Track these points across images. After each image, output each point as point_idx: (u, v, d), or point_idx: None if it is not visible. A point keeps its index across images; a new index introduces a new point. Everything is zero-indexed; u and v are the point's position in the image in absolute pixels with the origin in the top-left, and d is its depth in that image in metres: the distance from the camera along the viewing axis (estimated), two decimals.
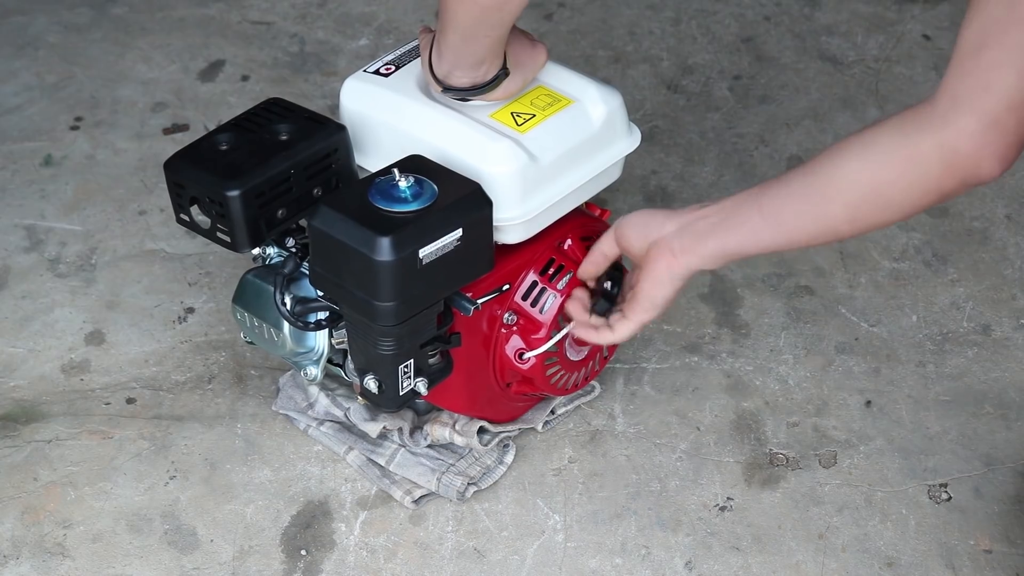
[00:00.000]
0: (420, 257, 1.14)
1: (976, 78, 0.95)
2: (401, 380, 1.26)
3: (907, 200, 1.03)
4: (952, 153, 0.98)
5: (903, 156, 1.01)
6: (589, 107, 1.31)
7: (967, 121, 0.96)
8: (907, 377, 1.58)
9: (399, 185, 1.16)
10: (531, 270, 1.34)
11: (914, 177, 1.01)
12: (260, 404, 1.54)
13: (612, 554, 1.39)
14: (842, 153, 1.05)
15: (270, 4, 2.20)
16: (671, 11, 2.19)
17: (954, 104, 0.97)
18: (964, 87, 0.96)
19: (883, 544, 1.40)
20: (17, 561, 1.37)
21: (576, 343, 1.39)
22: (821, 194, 1.07)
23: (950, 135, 0.97)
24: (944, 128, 0.97)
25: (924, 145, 0.99)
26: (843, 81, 2.04)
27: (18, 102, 1.99)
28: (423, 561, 1.38)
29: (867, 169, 1.03)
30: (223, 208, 1.20)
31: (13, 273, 1.71)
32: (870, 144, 1.03)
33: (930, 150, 0.99)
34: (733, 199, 1.14)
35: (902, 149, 1.01)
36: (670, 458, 1.48)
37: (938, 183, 1.00)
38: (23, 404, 1.54)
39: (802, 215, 1.09)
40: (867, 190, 1.04)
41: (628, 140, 1.35)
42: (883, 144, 1.02)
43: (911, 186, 1.02)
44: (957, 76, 0.97)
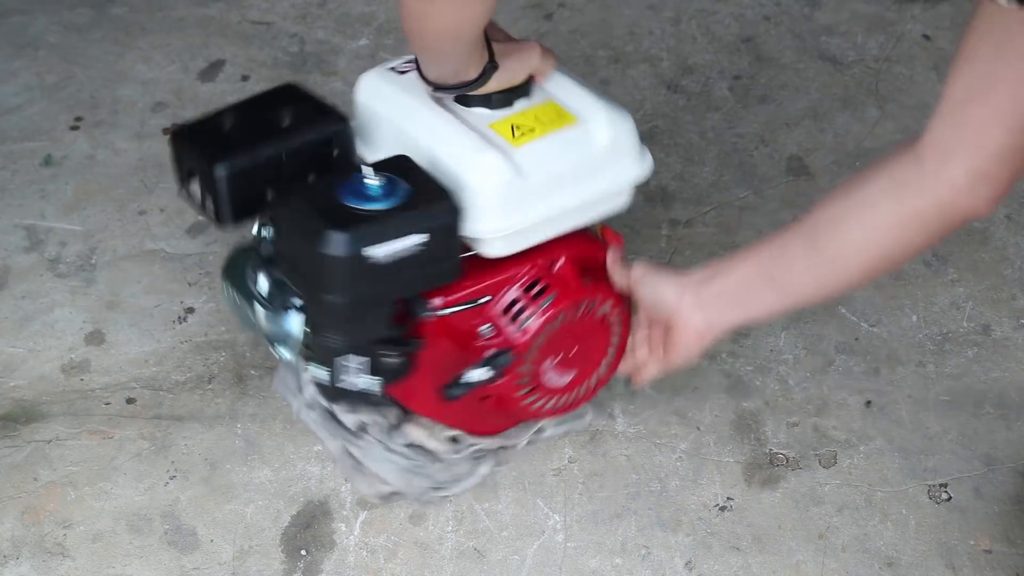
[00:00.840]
0: (369, 256, 1.13)
1: (964, 134, 0.97)
2: (343, 373, 1.25)
3: (915, 250, 1.07)
4: (950, 207, 1.00)
5: (903, 220, 1.04)
6: (594, 128, 1.28)
7: (958, 177, 0.98)
8: (907, 377, 1.58)
9: (367, 183, 1.16)
10: (514, 286, 1.31)
11: (917, 234, 1.04)
12: (260, 404, 1.54)
13: (612, 554, 1.39)
14: (842, 222, 1.08)
15: (270, 4, 2.20)
16: (671, 11, 2.19)
17: (943, 160, 0.99)
18: (952, 142, 0.98)
19: (883, 544, 1.40)
20: (17, 561, 1.37)
21: (559, 368, 1.36)
22: (834, 267, 1.10)
23: (944, 192, 1.00)
24: (937, 186, 1.00)
25: (921, 205, 1.02)
26: (843, 81, 2.04)
27: (18, 102, 1.99)
28: (423, 561, 1.38)
29: (871, 237, 1.06)
30: (211, 183, 1.22)
31: (13, 273, 1.71)
32: (867, 211, 1.05)
33: (928, 209, 1.02)
34: (741, 270, 1.17)
35: (900, 213, 1.03)
36: (670, 458, 1.48)
37: (939, 232, 1.04)
38: (23, 404, 1.54)
39: (820, 287, 1.14)
40: (877, 255, 1.07)
41: (637, 167, 1.30)
42: (881, 210, 1.04)
43: (916, 241, 1.05)
44: (944, 129, 0.99)
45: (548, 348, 1.31)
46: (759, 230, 1.77)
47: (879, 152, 1.90)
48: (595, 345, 1.35)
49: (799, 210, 1.79)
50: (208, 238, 1.75)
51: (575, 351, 1.34)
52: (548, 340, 1.31)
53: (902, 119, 1.96)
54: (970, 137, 0.97)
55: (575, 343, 1.34)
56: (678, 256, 1.73)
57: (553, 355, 1.33)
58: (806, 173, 1.87)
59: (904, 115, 1.97)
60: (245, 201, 1.23)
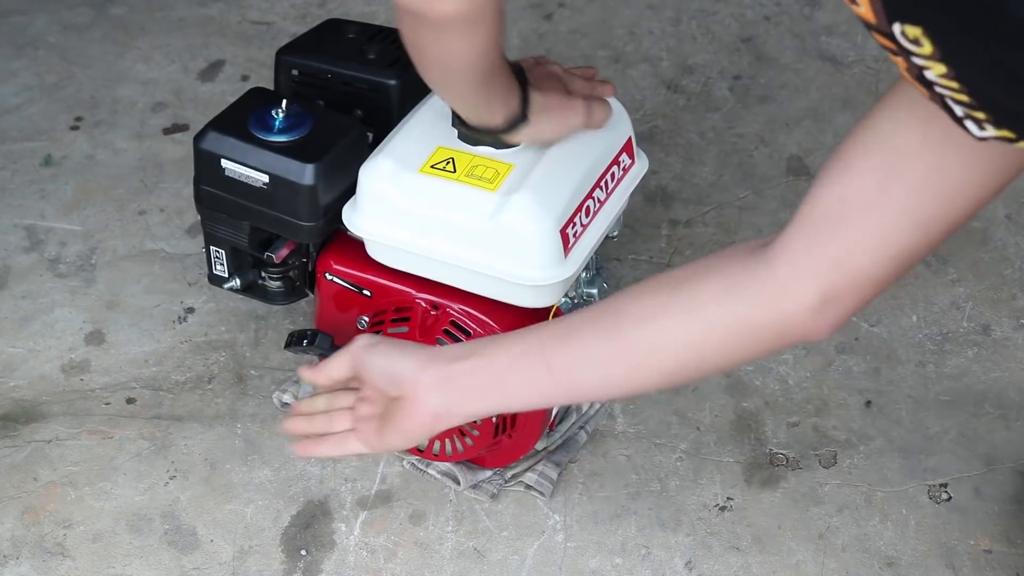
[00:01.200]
0: (224, 166, 1.30)
1: (827, 253, 0.87)
2: (211, 260, 1.42)
3: (734, 362, 0.97)
4: (788, 326, 0.90)
5: (733, 325, 0.92)
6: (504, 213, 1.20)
7: (808, 296, 0.88)
8: (907, 377, 1.58)
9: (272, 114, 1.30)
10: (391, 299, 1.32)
11: (743, 345, 0.93)
12: (260, 404, 1.54)
13: (612, 554, 1.39)
14: (658, 319, 0.94)
15: (270, 4, 2.20)
16: (671, 11, 2.19)
17: (795, 274, 0.89)
18: (811, 258, 0.88)
19: (883, 544, 1.40)
20: (17, 561, 1.37)
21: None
22: (635, 365, 0.96)
23: (788, 308, 0.89)
24: (782, 300, 0.89)
25: (758, 315, 0.91)
26: (843, 81, 2.04)
27: (18, 102, 1.99)
28: (423, 561, 1.38)
29: (690, 336, 0.93)
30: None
31: (13, 273, 1.71)
32: (693, 311, 0.93)
33: (765, 321, 0.91)
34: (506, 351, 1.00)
35: (733, 317, 0.91)
36: (670, 458, 1.48)
37: (768, 348, 0.94)
38: (23, 404, 1.54)
39: (606, 381, 0.98)
40: (688, 357, 0.94)
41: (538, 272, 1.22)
42: (710, 309, 0.92)
43: (738, 352, 0.94)
44: (804, 242, 0.88)
45: None
46: (759, 230, 1.77)
47: None
48: None
49: None
50: None
51: None
52: None
53: None
54: (831, 253, 0.87)
55: None
56: (678, 256, 1.73)
57: None
58: (806, 173, 1.87)
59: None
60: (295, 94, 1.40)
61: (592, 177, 1.28)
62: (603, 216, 1.30)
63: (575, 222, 1.24)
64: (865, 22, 0.72)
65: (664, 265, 1.72)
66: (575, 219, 1.24)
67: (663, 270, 1.70)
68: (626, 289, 0.98)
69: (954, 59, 0.70)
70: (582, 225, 1.26)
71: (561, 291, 1.26)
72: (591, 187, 1.27)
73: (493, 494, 1.43)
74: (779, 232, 0.90)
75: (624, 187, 1.34)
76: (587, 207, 1.27)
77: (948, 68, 0.70)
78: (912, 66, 0.73)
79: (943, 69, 0.71)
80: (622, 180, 1.34)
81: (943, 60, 0.70)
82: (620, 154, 1.33)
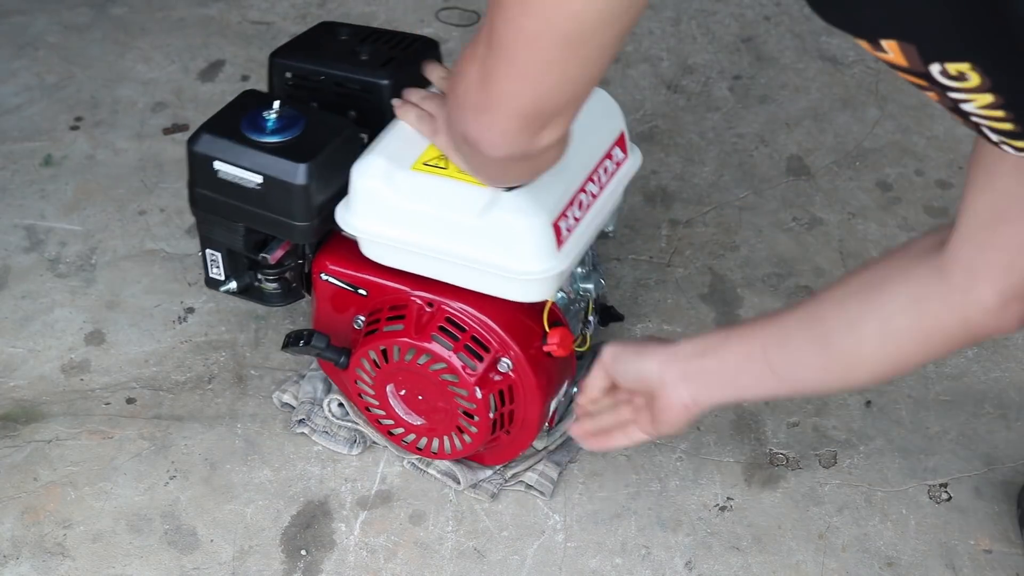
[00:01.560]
0: (217, 168, 1.30)
1: (996, 255, 0.93)
2: (208, 263, 1.42)
3: (932, 359, 1.05)
4: (976, 327, 0.97)
5: (926, 333, 0.99)
6: (496, 207, 1.20)
7: (988, 298, 0.94)
8: (907, 377, 1.58)
9: (264, 115, 1.30)
10: (387, 297, 1.32)
11: (939, 347, 1.01)
12: (260, 404, 1.54)
13: (612, 554, 1.39)
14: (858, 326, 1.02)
15: (270, 4, 2.20)
16: (671, 11, 2.19)
17: (972, 279, 0.94)
18: (980, 263, 0.94)
19: (883, 544, 1.40)
20: (17, 561, 1.37)
21: (407, 403, 1.36)
22: (844, 368, 1.05)
23: (973, 312, 0.96)
24: (965, 306, 0.96)
25: (946, 321, 0.97)
26: (843, 81, 2.04)
27: (18, 102, 1.99)
28: (423, 561, 1.38)
29: (891, 346, 1.01)
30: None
31: (13, 273, 1.71)
32: (888, 321, 1.00)
33: (953, 325, 0.97)
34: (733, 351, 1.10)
35: (924, 327, 0.99)
36: (670, 458, 1.48)
37: (963, 345, 1.01)
38: (23, 404, 1.54)
39: (825, 382, 1.09)
40: (894, 362, 1.03)
41: (531, 263, 1.21)
42: (903, 322, 0.99)
43: (937, 352, 1.02)
44: (972, 248, 0.94)
45: (388, 374, 1.33)
46: (759, 230, 1.77)
47: (879, 152, 1.91)
48: (439, 403, 1.33)
49: (799, 210, 1.80)
50: None
51: (420, 398, 1.34)
52: (384, 368, 1.32)
53: (902, 119, 1.96)
54: (1001, 258, 0.93)
55: (417, 388, 1.33)
56: (678, 256, 1.73)
57: (395, 385, 1.34)
58: (806, 173, 1.87)
59: (904, 115, 1.97)
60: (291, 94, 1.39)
61: (584, 170, 1.27)
62: (596, 210, 1.29)
63: (567, 215, 1.24)
64: (893, 65, 0.74)
65: (664, 265, 1.72)
66: (567, 212, 1.24)
67: (663, 270, 1.70)
68: (824, 292, 1.06)
69: (1004, 89, 0.72)
70: (575, 218, 1.25)
71: (555, 285, 1.25)
72: (583, 180, 1.27)
73: (493, 494, 1.43)
74: (948, 236, 0.95)
75: (617, 181, 1.33)
76: (580, 200, 1.26)
77: (996, 97, 0.72)
78: (947, 99, 0.74)
79: (989, 99, 0.72)
80: (615, 174, 1.33)
81: (992, 90, 0.72)
82: (612, 148, 1.32)
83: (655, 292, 1.68)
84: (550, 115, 0.94)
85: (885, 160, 1.90)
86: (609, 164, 1.32)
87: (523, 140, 0.96)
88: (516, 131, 0.95)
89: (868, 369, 1.04)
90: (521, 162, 1.02)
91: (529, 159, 1.01)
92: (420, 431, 1.38)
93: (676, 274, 1.71)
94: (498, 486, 1.43)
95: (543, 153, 1.00)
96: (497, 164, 1.03)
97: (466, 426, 1.33)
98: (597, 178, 1.30)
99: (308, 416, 1.49)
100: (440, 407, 1.33)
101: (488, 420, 1.31)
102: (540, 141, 0.97)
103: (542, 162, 1.05)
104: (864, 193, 1.84)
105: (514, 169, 1.07)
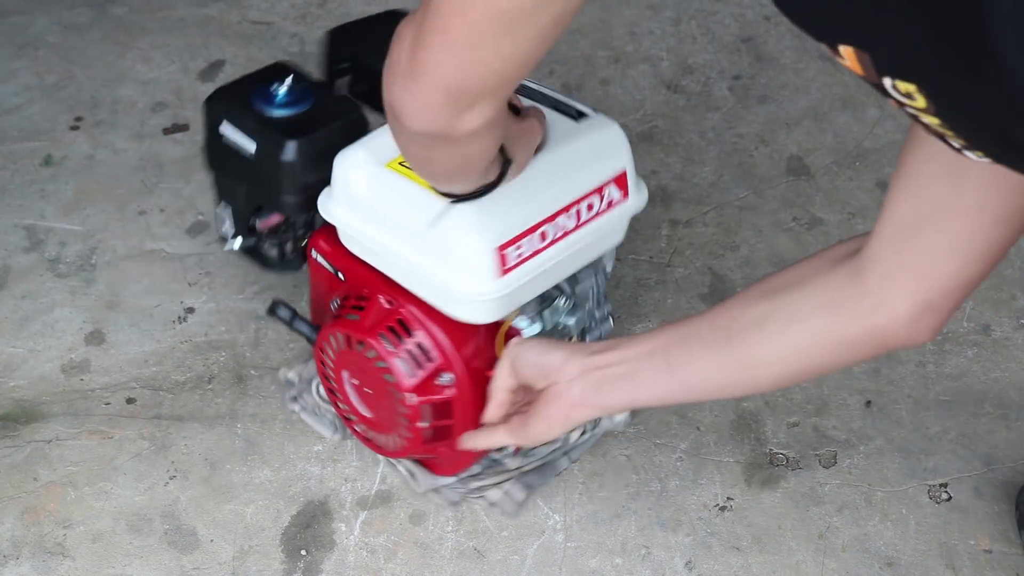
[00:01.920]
0: (222, 132, 1.35)
1: (914, 262, 0.90)
2: (218, 218, 1.47)
3: (838, 368, 1.01)
4: (886, 336, 0.94)
5: (833, 340, 0.97)
6: (441, 219, 1.18)
7: (902, 307, 0.92)
8: (907, 377, 1.58)
9: (274, 89, 1.34)
10: (357, 290, 1.32)
11: (845, 356, 0.98)
12: (260, 404, 1.54)
13: (612, 554, 1.39)
14: (764, 328, 1.00)
15: (270, 4, 2.20)
16: (671, 11, 2.19)
17: (887, 285, 0.92)
18: (899, 268, 0.91)
19: (883, 544, 1.40)
20: (17, 561, 1.37)
21: (358, 393, 1.36)
22: (744, 370, 1.02)
23: (884, 321, 0.93)
24: (876, 314, 0.93)
25: (856, 330, 0.95)
26: (843, 81, 2.04)
27: (18, 102, 1.99)
28: (423, 561, 1.38)
29: (795, 351, 0.99)
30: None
31: (13, 273, 1.71)
32: (795, 324, 0.98)
33: (863, 334, 0.95)
34: (636, 349, 1.07)
35: (832, 334, 0.96)
36: (670, 458, 1.48)
37: (870, 355, 0.98)
38: (23, 404, 1.54)
39: (722, 386, 1.06)
40: (795, 368, 1.00)
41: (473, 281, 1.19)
42: (811, 326, 0.97)
43: (842, 361, 0.99)
44: (891, 253, 0.91)
45: (344, 360, 1.32)
46: (759, 230, 1.77)
47: (879, 152, 1.91)
48: (382, 397, 1.32)
49: (799, 210, 1.80)
50: (208, 238, 1.75)
51: (368, 391, 1.33)
52: (339, 355, 1.32)
53: (902, 119, 1.96)
54: (918, 266, 0.90)
55: (365, 380, 1.33)
56: (678, 256, 1.73)
57: (350, 374, 1.34)
58: (806, 173, 1.87)
59: (904, 115, 1.96)
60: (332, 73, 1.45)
61: (557, 203, 1.22)
62: (567, 245, 1.24)
63: (521, 244, 1.19)
64: (852, 72, 0.73)
65: (664, 265, 1.72)
66: (521, 240, 1.19)
67: (663, 270, 1.70)
68: (740, 294, 1.03)
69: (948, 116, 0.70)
70: (532, 249, 1.21)
71: (495, 310, 1.22)
72: (554, 212, 1.22)
73: (454, 501, 1.42)
74: (866, 241, 0.92)
75: (608, 221, 1.27)
76: (544, 232, 1.21)
77: (942, 121, 0.71)
78: (905, 110, 0.73)
79: (937, 121, 0.71)
80: (604, 213, 1.27)
81: (937, 115, 0.71)
82: (606, 185, 1.26)
83: (655, 292, 1.68)
84: (476, 94, 0.88)
85: (885, 160, 1.90)
86: (596, 201, 1.26)
87: (445, 117, 0.90)
88: (439, 105, 0.89)
89: (768, 372, 1.01)
90: (443, 145, 0.95)
91: (451, 143, 0.94)
92: (369, 423, 1.37)
93: (676, 274, 1.71)
94: (461, 495, 1.42)
95: (466, 139, 0.94)
96: (419, 143, 0.96)
97: (401, 429, 1.32)
98: (575, 213, 1.24)
99: (300, 394, 1.50)
100: (384, 404, 1.32)
101: (419, 429, 1.29)
102: (463, 123, 0.91)
103: (469, 151, 0.99)
104: (864, 193, 1.84)
105: (438, 154, 0.99)
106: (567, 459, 1.45)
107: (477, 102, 0.88)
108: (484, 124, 0.91)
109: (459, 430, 1.30)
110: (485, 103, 0.89)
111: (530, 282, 1.22)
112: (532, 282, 1.22)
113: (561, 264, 1.25)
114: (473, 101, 0.88)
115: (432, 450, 1.34)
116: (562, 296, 1.35)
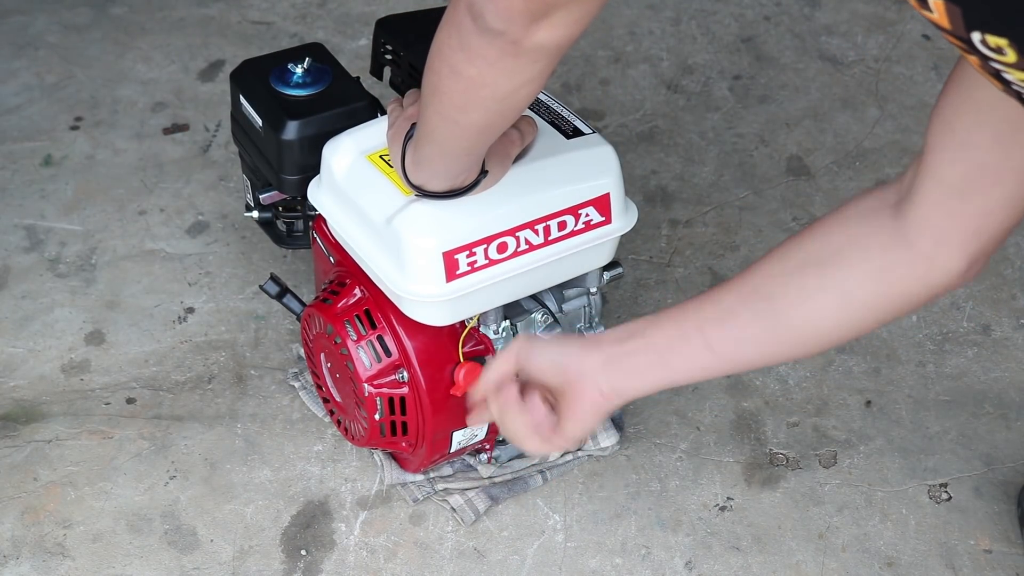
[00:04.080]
0: (240, 103, 1.41)
1: (965, 223, 0.93)
2: (246, 186, 1.51)
3: (888, 322, 1.03)
4: (940, 288, 0.97)
5: (890, 299, 0.98)
6: (397, 219, 1.19)
7: (956, 263, 0.94)
8: (907, 377, 1.58)
9: (290, 68, 1.38)
10: (341, 275, 1.33)
11: (899, 314, 1.00)
12: (260, 404, 1.54)
13: (612, 554, 1.39)
14: (814, 299, 0.99)
15: (270, 4, 2.20)
16: (671, 11, 2.19)
17: (941, 249, 0.94)
18: (951, 230, 0.93)
19: (883, 544, 1.40)
20: (17, 561, 1.37)
21: (332, 376, 1.36)
22: (793, 338, 1.02)
23: (938, 277, 0.96)
24: (932, 271, 0.95)
25: (911, 288, 0.97)
26: (843, 81, 2.04)
27: (18, 102, 1.99)
28: (423, 561, 1.38)
29: (851, 319, 1.00)
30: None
31: (13, 273, 1.71)
32: (849, 293, 0.98)
33: (920, 293, 0.97)
34: (664, 333, 1.04)
35: (888, 293, 0.98)
36: (670, 458, 1.48)
37: (920, 307, 1.01)
38: (23, 404, 1.54)
39: (769, 355, 1.05)
40: (851, 330, 1.01)
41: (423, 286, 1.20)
42: (866, 290, 0.98)
43: (895, 315, 1.01)
44: (941, 217, 0.93)
45: (319, 342, 1.35)
46: (759, 230, 1.77)
47: (879, 152, 1.91)
48: (345, 383, 1.33)
49: (799, 210, 1.80)
50: (208, 238, 1.75)
51: (338, 376, 1.34)
52: (316, 336, 1.34)
53: (902, 119, 1.96)
54: (971, 224, 0.93)
55: (335, 365, 1.33)
56: (678, 256, 1.73)
57: (325, 356, 1.35)
58: (806, 173, 1.87)
59: (904, 115, 1.97)
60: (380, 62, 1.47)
61: (523, 216, 1.21)
62: (532, 260, 1.23)
63: (474, 252, 1.19)
64: (937, 26, 0.74)
65: (664, 265, 1.72)
66: (475, 248, 1.19)
67: (663, 270, 1.70)
68: (764, 267, 1.01)
69: None
70: (487, 258, 1.20)
71: (444, 314, 1.22)
72: (516, 225, 1.21)
73: (417, 499, 1.42)
74: (908, 204, 0.94)
75: (583, 242, 1.25)
76: (503, 243, 1.21)
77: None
78: (988, 67, 0.75)
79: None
80: (579, 234, 1.25)
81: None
82: (583, 206, 1.24)
83: (655, 292, 1.68)
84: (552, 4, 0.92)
85: (885, 160, 1.90)
86: (570, 220, 1.24)
87: (521, 21, 0.92)
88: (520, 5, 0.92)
89: (824, 340, 1.03)
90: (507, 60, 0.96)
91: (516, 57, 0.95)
92: (338, 407, 1.38)
93: (676, 274, 1.71)
94: (425, 494, 1.42)
95: (530, 57, 0.95)
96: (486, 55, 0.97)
97: (359, 419, 1.33)
98: (545, 230, 1.22)
99: (302, 372, 1.53)
100: (347, 390, 1.34)
101: (374, 421, 1.30)
102: (534, 32, 0.93)
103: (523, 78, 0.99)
104: None
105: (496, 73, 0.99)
106: (541, 477, 1.45)
107: (552, 11, 0.92)
108: (552, 42, 0.94)
109: (413, 428, 1.31)
110: (558, 17, 0.92)
111: (484, 291, 1.21)
112: (487, 291, 1.22)
113: (525, 278, 1.24)
114: (549, 9, 0.92)
115: (392, 444, 1.35)
116: (540, 310, 1.35)
